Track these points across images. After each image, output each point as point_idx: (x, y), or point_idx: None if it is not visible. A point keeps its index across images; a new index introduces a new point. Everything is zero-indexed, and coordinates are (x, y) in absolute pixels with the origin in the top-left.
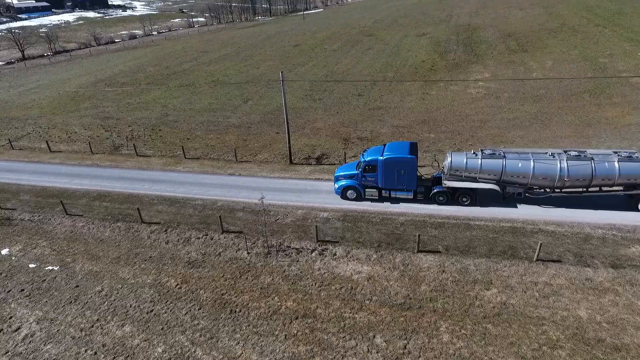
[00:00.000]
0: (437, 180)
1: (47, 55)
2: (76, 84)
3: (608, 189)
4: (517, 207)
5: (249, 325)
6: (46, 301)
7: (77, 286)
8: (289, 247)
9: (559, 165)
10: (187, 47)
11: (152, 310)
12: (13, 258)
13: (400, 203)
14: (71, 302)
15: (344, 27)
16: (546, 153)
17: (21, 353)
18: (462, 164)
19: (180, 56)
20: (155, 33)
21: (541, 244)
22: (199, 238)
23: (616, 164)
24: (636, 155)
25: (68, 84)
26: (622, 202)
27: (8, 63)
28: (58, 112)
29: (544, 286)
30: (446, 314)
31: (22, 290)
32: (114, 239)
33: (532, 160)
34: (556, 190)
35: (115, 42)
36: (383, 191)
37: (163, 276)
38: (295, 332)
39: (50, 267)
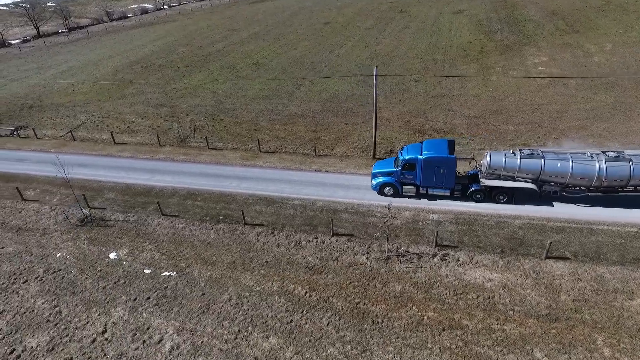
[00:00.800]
0: (472, 178)
1: (63, 32)
2: (111, 66)
3: None
4: (553, 206)
5: (397, 337)
6: (178, 310)
7: (204, 294)
8: (408, 251)
9: (597, 166)
10: (211, 24)
11: (291, 321)
12: (124, 263)
13: (438, 200)
14: (204, 311)
15: (371, 1)
16: (584, 153)
17: None
18: (501, 164)
19: (209, 35)
20: (166, 7)
21: None
22: (309, 241)
23: None
24: None
25: (101, 66)
26: None
27: (24, 41)
28: (104, 99)
29: None
30: (597, 326)
31: (148, 298)
32: (221, 242)
33: (570, 161)
34: (593, 189)
35: (128, 17)
36: (421, 188)
37: (287, 283)
38: (447, 344)
39: (167, 273)
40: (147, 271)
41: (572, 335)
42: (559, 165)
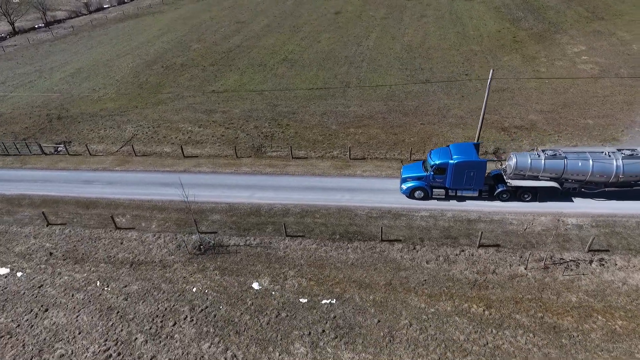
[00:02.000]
0: (496, 178)
1: (40, 27)
2: (126, 67)
3: None
4: (573, 201)
5: (602, 350)
6: (363, 342)
7: (379, 321)
8: (563, 259)
9: (615, 163)
10: (214, 16)
11: (487, 342)
12: (273, 293)
13: (467, 201)
14: (390, 340)
15: None
16: (602, 152)
17: None
18: (526, 165)
19: (217, 29)
20: None
21: None
22: (457, 255)
23: None
24: None
25: (114, 67)
26: None
27: (1, 39)
28: (141, 105)
29: None
30: None
31: (323, 331)
32: (365, 262)
33: (590, 160)
34: (609, 185)
35: (105, 7)
36: (450, 191)
37: (459, 302)
38: None
39: (326, 301)
40: (303, 300)
41: None
42: (580, 164)
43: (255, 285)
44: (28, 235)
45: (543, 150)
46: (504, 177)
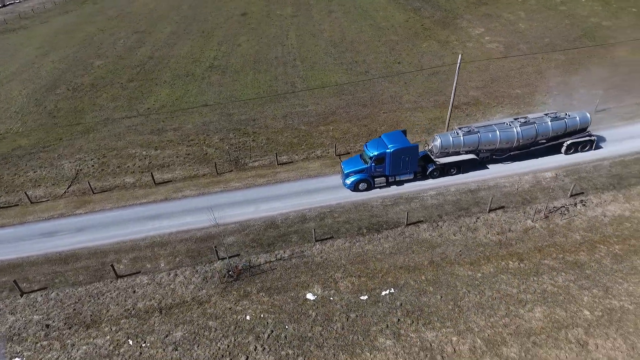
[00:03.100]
0: (425, 159)
1: None
2: (20, 95)
3: (544, 142)
4: (488, 168)
5: (626, 273)
6: (438, 319)
7: (441, 297)
8: (555, 207)
9: (515, 131)
10: (104, 28)
11: (535, 290)
12: (332, 298)
13: (405, 184)
14: (459, 311)
15: None
16: (504, 123)
17: None
18: (449, 143)
19: (114, 41)
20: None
21: None
22: (475, 222)
23: (549, 123)
24: (560, 114)
25: (1, 97)
26: (548, 149)
27: None
28: (66, 137)
29: None
30: None
31: (399, 320)
32: (401, 248)
33: (497, 131)
34: (513, 150)
35: None
36: (390, 177)
37: (496, 262)
38: None
39: (385, 292)
40: (364, 298)
41: None
42: (490, 136)
43: (310, 296)
44: (1, 314)
45: (459, 128)
46: (432, 157)
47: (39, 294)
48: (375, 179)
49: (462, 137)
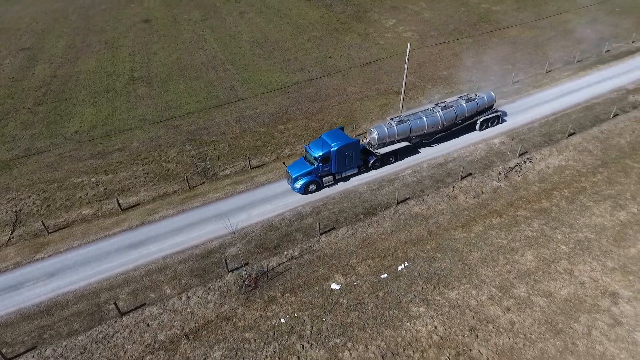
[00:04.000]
0: (365, 152)
1: None
2: None
3: (461, 122)
4: (420, 152)
5: (582, 205)
6: (454, 280)
7: (450, 260)
8: (510, 167)
9: (438, 115)
10: None
11: (520, 238)
12: (355, 283)
13: (350, 179)
14: (469, 269)
15: None
16: (428, 109)
17: None
18: (386, 133)
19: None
20: None
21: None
22: (453, 190)
23: (464, 105)
24: (471, 96)
25: None
26: (465, 128)
27: None
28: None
29: None
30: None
31: (422, 288)
32: (399, 225)
33: (424, 117)
34: (439, 132)
35: None
36: (336, 175)
37: (482, 221)
38: (607, 193)
39: (401, 267)
40: (384, 276)
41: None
42: (419, 122)
43: (335, 286)
44: None
45: (391, 119)
46: (371, 149)
47: (29, 355)
48: (323, 179)
49: (395, 127)
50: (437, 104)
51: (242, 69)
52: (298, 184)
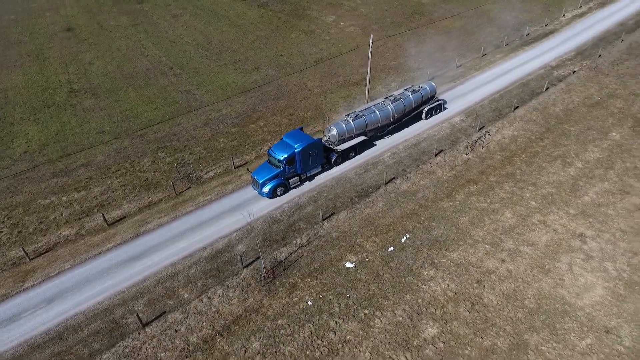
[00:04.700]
0: (326, 150)
1: None
2: None
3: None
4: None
5: (539, 167)
6: (453, 243)
7: (444, 227)
8: (474, 141)
9: (389, 107)
10: None
11: (497, 200)
12: (367, 260)
13: (315, 178)
14: (463, 233)
15: None
16: (379, 103)
17: None
18: (344, 130)
19: None
20: None
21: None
22: (430, 166)
23: (411, 96)
24: (415, 87)
25: None
26: (412, 118)
27: None
28: None
29: None
30: None
31: (427, 255)
32: (392, 203)
33: (377, 111)
34: (391, 124)
35: None
36: (302, 175)
37: (461, 189)
38: (555, 154)
39: (403, 239)
40: (391, 249)
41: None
42: (373, 116)
43: (349, 265)
44: None
45: (347, 115)
46: (331, 146)
47: None
48: (289, 180)
49: (352, 123)
50: (386, 98)
51: (193, 72)
52: (266, 189)
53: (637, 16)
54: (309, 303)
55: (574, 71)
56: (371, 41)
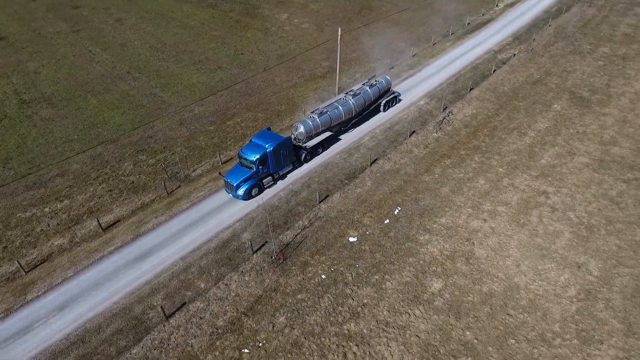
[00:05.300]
0: (295, 147)
1: None
2: None
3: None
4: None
5: (500, 138)
6: (447, 205)
7: (434, 192)
8: (441, 120)
9: (351, 102)
10: None
11: (472, 169)
12: (368, 232)
13: (287, 176)
14: (450, 193)
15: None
16: (341, 98)
17: None
18: (311, 127)
19: None
20: None
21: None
22: (407, 145)
23: (369, 90)
24: (372, 82)
25: None
26: (371, 112)
27: None
28: None
29: None
30: None
31: (428, 219)
32: (379, 181)
33: (340, 106)
34: (353, 118)
35: None
36: (274, 174)
37: (437, 164)
38: (510, 127)
39: (397, 211)
40: (387, 221)
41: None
42: (336, 112)
43: (352, 239)
44: None
45: (312, 113)
46: (299, 144)
47: None
48: (263, 181)
49: (318, 119)
50: (347, 93)
51: (154, 75)
52: (241, 191)
53: (559, 3)
54: (323, 277)
55: (514, 54)
56: (339, 34)
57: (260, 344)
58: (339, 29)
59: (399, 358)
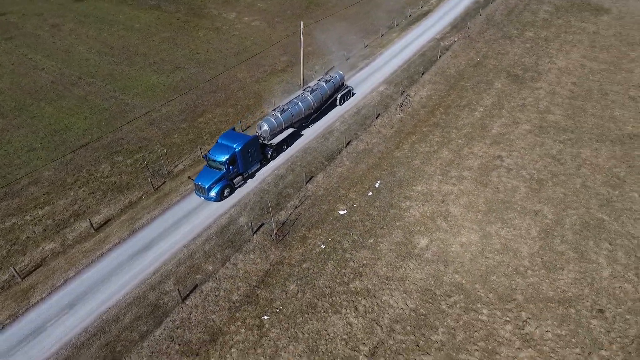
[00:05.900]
0: (261, 146)
1: None
2: None
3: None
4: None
5: (455, 120)
6: (423, 177)
7: (412, 169)
8: (400, 104)
9: (309, 98)
10: None
11: (436, 143)
12: (355, 205)
13: (255, 175)
14: (422, 164)
15: None
16: (300, 95)
17: None
18: (274, 124)
19: None
20: None
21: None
22: (372, 131)
23: (325, 86)
24: (327, 77)
25: None
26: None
27: None
28: None
29: None
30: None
31: (406, 186)
32: (358, 159)
33: (300, 103)
34: (313, 114)
35: None
36: (244, 173)
37: (405, 142)
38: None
39: (377, 184)
40: (370, 194)
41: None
42: (297, 108)
43: (342, 212)
44: None
45: (274, 110)
46: (264, 142)
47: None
48: (233, 181)
49: (280, 117)
50: (304, 89)
51: (109, 79)
52: (213, 193)
53: None
54: (323, 246)
55: (455, 41)
56: (301, 27)
57: (277, 310)
58: (301, 23)
59: (403, 303)
